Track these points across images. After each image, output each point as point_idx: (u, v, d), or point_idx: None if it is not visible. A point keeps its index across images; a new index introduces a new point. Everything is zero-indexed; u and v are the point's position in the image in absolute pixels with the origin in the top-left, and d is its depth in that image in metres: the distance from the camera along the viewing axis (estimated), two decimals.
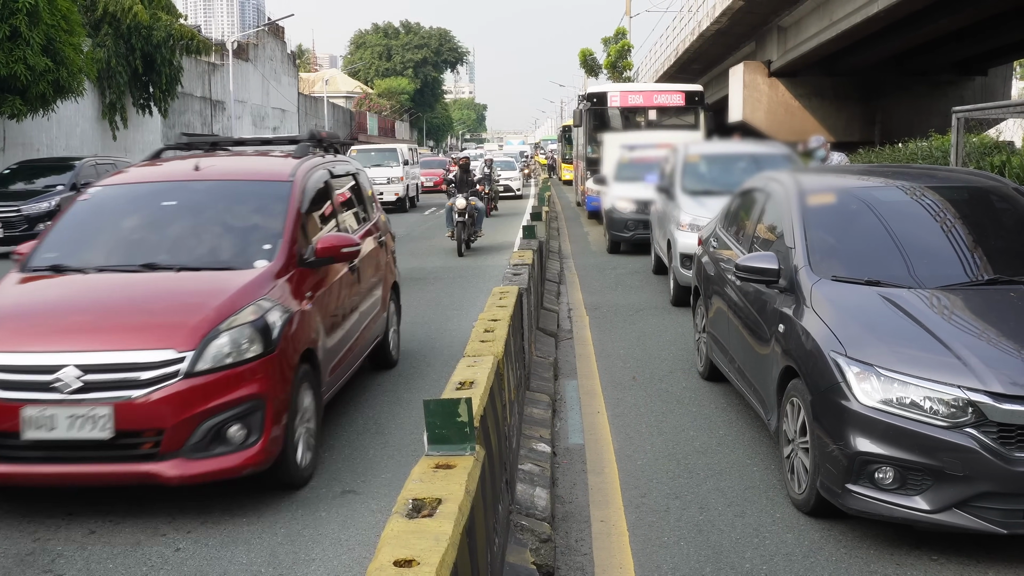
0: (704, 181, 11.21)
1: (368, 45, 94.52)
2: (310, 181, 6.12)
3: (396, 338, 7.83)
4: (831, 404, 4.22)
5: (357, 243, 5.87)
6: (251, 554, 4.28)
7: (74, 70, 20.26)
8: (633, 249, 15.26)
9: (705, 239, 7.52)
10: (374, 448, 5.74)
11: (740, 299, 5.92)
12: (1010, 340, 4.23)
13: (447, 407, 2.91)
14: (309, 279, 5.51)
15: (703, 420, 6.19)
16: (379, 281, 7.19)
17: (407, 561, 2.15)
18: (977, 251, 5.24)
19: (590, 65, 46.00)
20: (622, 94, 20.99)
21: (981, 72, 27.34)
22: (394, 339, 7.72)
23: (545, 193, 21.22)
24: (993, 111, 9.77)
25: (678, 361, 7.83)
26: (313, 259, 5.58)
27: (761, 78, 26.67)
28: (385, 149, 29.92)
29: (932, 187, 5.73)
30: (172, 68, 29.87)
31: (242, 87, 42.87)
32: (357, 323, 6.39)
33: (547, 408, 6.20)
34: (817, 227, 5.30)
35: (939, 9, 18.90)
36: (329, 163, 6.79)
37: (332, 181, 6.66)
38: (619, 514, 4.66)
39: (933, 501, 3.93)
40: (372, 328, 6.86)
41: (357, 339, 6.40)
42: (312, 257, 5.58)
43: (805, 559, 4.11)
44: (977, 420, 3.86)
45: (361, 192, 7.52)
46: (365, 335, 6.65)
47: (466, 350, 4.29)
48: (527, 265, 7.71)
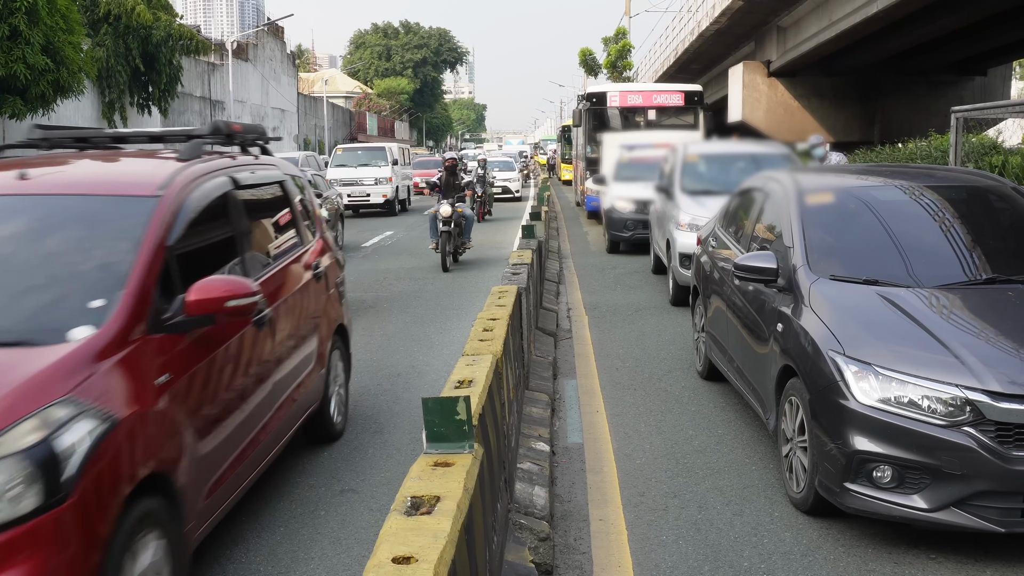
0: (703, 181, 11.22)
1: (368, 45, 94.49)
2: (193, 196, 4.24)
3: (341, 400, 5.94)
4: (829, 403, 4.23)
5: (252, 292, 3.94)
6: (250, 553, 4.29)
7: (74, 69, 20.23)
8: (632, 249, 15.27)
9: (704, 239, 7.53)
10: (373, 447, 5.75)
11: (739, 299, 5.92)
12: (1008, 339, 4.24)
13: (446, 405, 2.91)
14: (170, 352, 3.65)
15: (702, 419, 6.19)
16: (313, 329, 5.37)
17: (405, 558, 2.15)
18: (975, 250, 5.24)
19: (590, 65, 45.96)
20: (621, 94, 21.00)
21: (980, 72, 27.34)
22: (338, 402, 5.86)
23: (544, 193, 21.23)
24: (992, 111, 9.78)
25: (677, 360, 7.84)
26: (181, 319, 3.74)
27: (760, 78, 26.68)
28: (373, 148, 28.16)
29: (931, 187, 5.74)
30: (172, 68, 29.88)
31: (241, 87, 42.87)
32: (269, 399, 4.59)
33: (546, 407, 6.21)
34: (816, 226, 5.31)
35: (938, 9, 18.91)
36: (235, 168, 4.90)
37: (236, 194, 4.72)
38: (618, 513, 4.67)
39: (931, 500, 3.94)
40: (300, 396, 5.08)
41: (269, 422, 4.59)
42: (179, 316, 3.74)
43: (803, 558, 4.12)
44: (975, 419, 3.87)
45: (290, 207, 5.63)
46: (285, 410, 4.85)
47: (465, 349, 4.30)
48: (526, 265, 7.72)
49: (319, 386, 5.46)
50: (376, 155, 26.38)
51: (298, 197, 5.88)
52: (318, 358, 5.45)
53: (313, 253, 5.78)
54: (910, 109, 25.40)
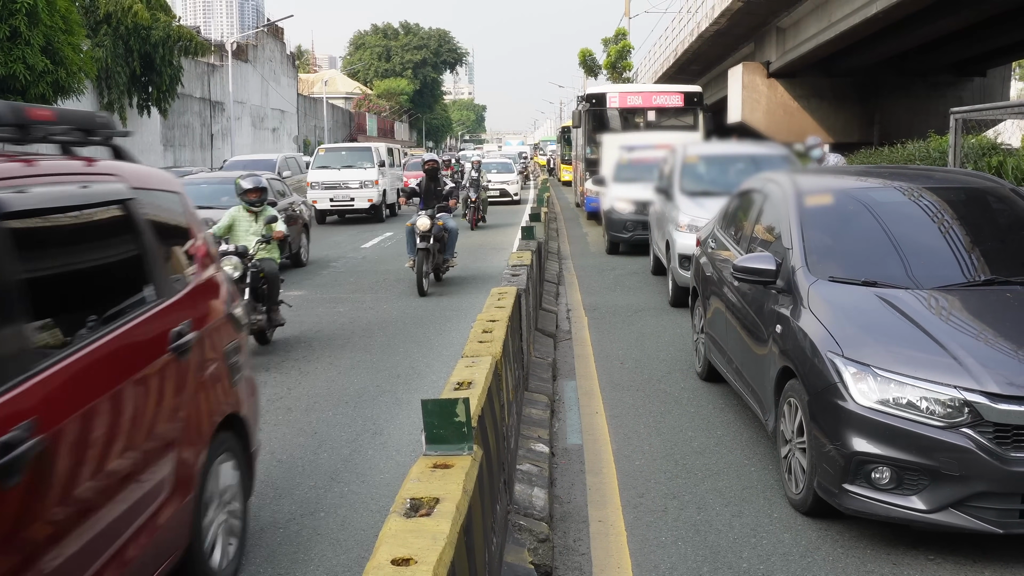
0: (702, 182, 11.23)
1: (367, 46, 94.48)
2: None
3: (232, 531, 4.04)
4: (828, 404, 4.24)
5: None
6: (249, 554, 4.29)
7: (73, 70, 20.26)
8: (632, 250, 15.27)
9: (703, 240, 7.53)
10: (373, 448, 5.76)
11: (738, 300, 5.93)
12: (1006, 340, 4.25)
13: (445, 407, 2.92)
14: None
15: (701, 420, 6.20)
16: (166, 442, 3.43)
17: (405, 560, 2.16)
18: (974, 252, 5.25)
19: (589, 66, 45.98)
20: (621, 95, 21.00)
21: (980, 73, 27.35)
22: (224, 538, 3.93)
23: (544, 194, 21.24)
24: (991, 112, 9.79)
25: (676, 362, 7.85)
26: None
27: (760, 79, 26.68)
28: (357, 148, 25.90)
29: (929, 188, 5.74)
30: (172, 69, 29.90)
31: (241, 88, 42.88)
32: None
33: (545, 408, 6.22)
34: (815, 228, 5.32)
35: (938, 10, 18.91)
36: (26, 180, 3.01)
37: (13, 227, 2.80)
38: (617, 514, 4.68)
39: (930, 501, 3.94)
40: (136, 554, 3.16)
41: None
42: None
43: (802, 559, 4.12)
44: (973, 420, 3.87)
45: (138, 243, 3.59)
46: None
47: (464, 350, 4.31)
48: (525, 266, 7.73)
49: (180, 524, 3.51)
50: (361, 156, 24.33)
51: (158, 219, 3.84)
52: (177, 484, 3.49)
53: (176, 312, 3.72)
54: (909, 110, 25.41)
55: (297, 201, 15.67)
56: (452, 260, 12.65)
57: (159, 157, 32.30)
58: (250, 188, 8.83)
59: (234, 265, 8.17)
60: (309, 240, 15.74)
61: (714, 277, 6.74)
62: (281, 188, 15.09)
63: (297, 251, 14.67)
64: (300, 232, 14.85)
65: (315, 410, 6.63)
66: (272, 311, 8.76)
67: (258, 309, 8.56)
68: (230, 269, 8.09)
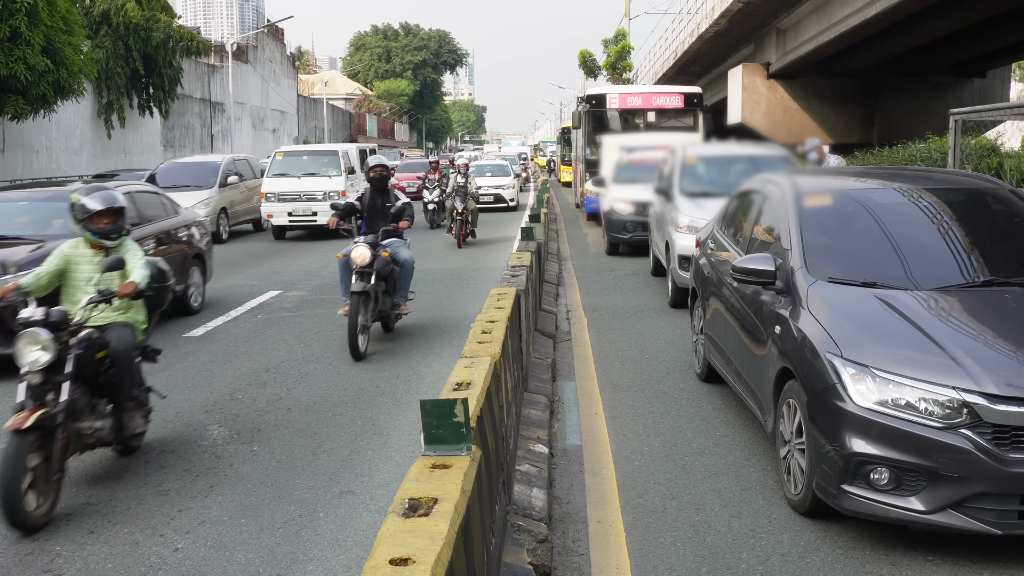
0: (702, 183, 11.23)
1: (367, 47, 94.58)
2: None
3: None
4: (827, 405, 4.24)
5: None
6: (249, 555, 4.30)
7: (74, 70, 20.28)
8: (632, 251, 15.28)
9: (703, 241, 7.54)
10: (372, 449, 5.76)
11: (737, 301, 5.93)
12: (1005, 341, 4.25)
13: (444, 407, 2.93)
14: None
15: (700, 421, 6.20)
16: None
17: (403, 560, 2.17)
18: (973, 253, 5.25)
19: (589, 67, 46.02)
20: (621, 96, 21.00)
21: (979, 74, 27.37)
22: None
23: (544, 195, 21.20)
24: (990, 113, 9.80)
25: (676, 363, 7.85)
26: None
27: (760, 80, 26.70)
28: (321, 152, 21.40)
29: (928, 189, 5.75)
30: (172, 69, 29.94)
31: (241, 89, 42.91)
32: None
33: (545, 409, 6.22)
34: (814, 229, 5.32)
35: (937, 11, 18.92)
36: None
37: None
38: (616, 515, 4.68)
39: (928, 502, 3.94)
40: None
41: None
42: None
43: (801, 560, 4.12)
44: (972, 421, 3.88)
45: None
46: None
47: (464, 351, 4.32)
48: (525, 267, 7.74)
49: None
50: (325, 161, 20.44)
51: None
52: None
53: None
54: (909, 111, 25.42)
55: (192, 219, 11.25)
56: (405, 305, 8.94)
57: (159, 158, 32.31)
58: (100, 210, 5.51)
59: (41, 345, 4.84)
60: (206, 275, 11.16)
61: (713, 278, 6.75)
62: (164, 203, 10.79)
63: (184, 293, 10.35)
64: (189, 265, 10.54)
65: (314, 410, 6.63)
66: (124, 413, 5.39)
67: (99, 411, 5.32)
68: (31, 355, 4.82)
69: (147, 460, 5.64)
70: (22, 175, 25.20)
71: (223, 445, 5.89)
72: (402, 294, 8.89)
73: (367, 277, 8.22)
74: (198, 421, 6.42)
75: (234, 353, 8.51)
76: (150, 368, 6.01)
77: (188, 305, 10.49)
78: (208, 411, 6.66)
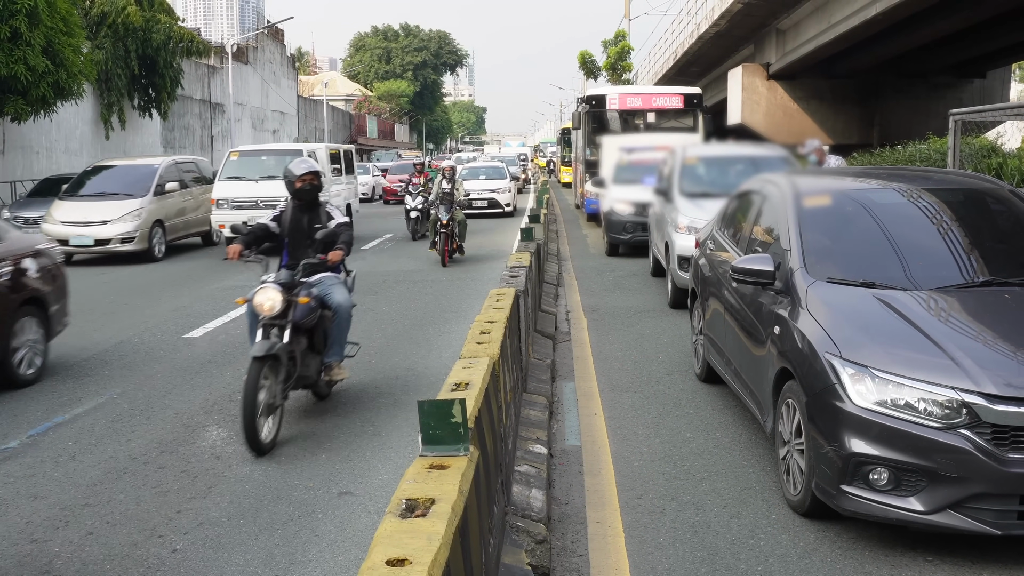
0: (702, 183, 11.23)
1: (368, 48, 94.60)
2: None
3: None
4: (826, 406, 4.23)
5: None
6: (247, 555, 4.30)
7: (74, 72, 20.27)
8: (631, 251, 15.28)
9: (702, 241, 7.53)
10: (370, 450, 5.76)
11: (737, 301, 5.93)
12: (1005, 342, 4.24)
13: (441, 408, 2.92)
14: None
15: (700, 422, 6.20)
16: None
17: (399, 560, 2.16)
18: (972, 253, 5.25)
19: (589, 67, 46.03)
20: (621, 96, 21.01)
21: (979, 75, 27.37)
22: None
23: (544, 196, 21.19)
24: (990, 113, 9.78)
25: (675, 363, 7.85)
26: None
27: (760, 81, 26.70)
28: (283, 152, 18.17)
29: (928, 189, 5.74)
30: (172, 70, 29.92)
31: (241, 90, 42.90)
32: None
33: (544, 410, 6.22)
34: (813, 229, 5.32)
35: (937, 12, 18.93)
36: None
37: None
38: (615, 515, 4.67)
39: (927, 502, 3.94)
40: None
41: None
42: None
43: (800, 560, 4.12)
44: (971, 421, 3.87)
45: None
46: None
47: (462, 351, 4.31)
48: (524, 267, 7.74)
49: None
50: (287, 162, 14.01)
51: None
52: None
53: None
54: (909, 111, 25.43)
55: (22, 248, 7.73)
56: (339, 368, 6.45)
57: None
58: None
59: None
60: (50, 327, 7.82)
61: (713, 278, 6.74)
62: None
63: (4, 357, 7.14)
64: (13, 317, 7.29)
65: (313, 411, 6.62)
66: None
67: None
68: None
69: (146, 461, 5.64)
70: (22, 176, 25.20)
71: (222, 446, 5.89)
72: (335, 352, 6.37)
73: (278, 333, 5.85)
74: (197, 422, 6.42)
75: (234, 353, 8.50)
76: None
77: (14, 373, 7.23)
78: (207, 411, 6.66)
